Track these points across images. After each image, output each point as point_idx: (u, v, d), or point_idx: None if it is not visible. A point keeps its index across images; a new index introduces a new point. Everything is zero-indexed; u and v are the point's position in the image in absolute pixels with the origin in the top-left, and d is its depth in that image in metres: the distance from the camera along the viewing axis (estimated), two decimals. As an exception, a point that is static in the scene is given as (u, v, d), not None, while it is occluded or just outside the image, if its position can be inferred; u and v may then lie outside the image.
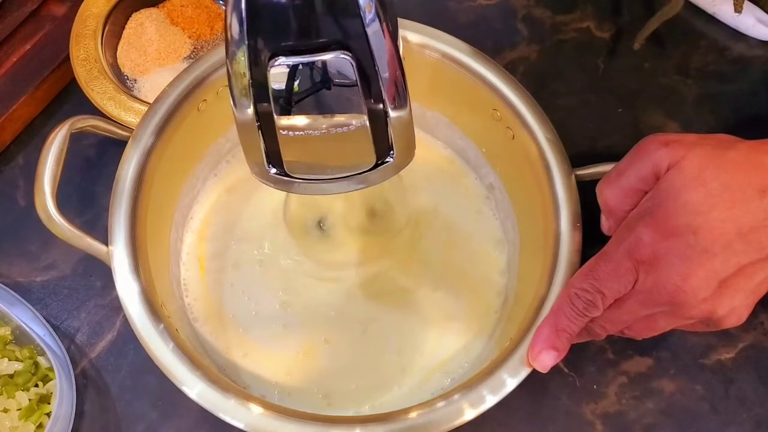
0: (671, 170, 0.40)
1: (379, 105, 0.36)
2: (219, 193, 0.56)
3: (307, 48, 0.34)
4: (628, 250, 0.40)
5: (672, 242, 0.38)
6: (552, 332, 0.43)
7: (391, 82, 0.35)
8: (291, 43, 0.33)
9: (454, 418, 0.42)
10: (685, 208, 0.38)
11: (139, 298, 0.44)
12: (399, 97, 0.36)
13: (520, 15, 0.65)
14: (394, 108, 0.36)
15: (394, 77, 0.35)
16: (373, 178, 0.40)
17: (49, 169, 0.45)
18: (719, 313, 0.40)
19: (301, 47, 0.33)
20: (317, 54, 0.34)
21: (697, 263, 0.38)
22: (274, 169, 0.39)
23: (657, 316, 0.41)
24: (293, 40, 0.33)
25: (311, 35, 0.33)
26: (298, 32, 0.33)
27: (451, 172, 0.57)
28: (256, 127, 0.36)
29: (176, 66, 0.60)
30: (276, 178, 0.39)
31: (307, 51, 0.33)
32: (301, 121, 0.36)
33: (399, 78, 0.35)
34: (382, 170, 0.39)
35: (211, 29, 0.62)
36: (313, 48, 0.34)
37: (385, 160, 0.39)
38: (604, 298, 0.41)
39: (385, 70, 0.34)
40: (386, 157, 0.39)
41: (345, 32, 0.33)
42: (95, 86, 0.57)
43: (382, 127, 0.37)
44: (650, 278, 0.39)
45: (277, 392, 0.50)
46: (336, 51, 0.33)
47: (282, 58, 0.33)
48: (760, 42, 0.64)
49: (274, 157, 0.38)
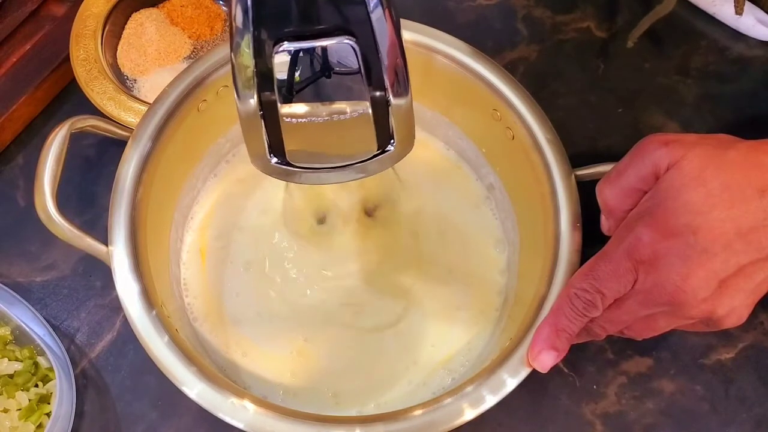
0: (671, 170, 0.40)
1: (381, 92, 0.36)
2: (219, 193, 0.56)
3: (312, 33, 0.34)
4: (628, 250, 0.40)
5: (672, 242, 0.38)
6: (552, 332, 0.43)
7: (392, 68, 0.35)
8: (295, 29, 0.34)
9: (454, 418, 0.42)
10: (684, 208, 0.38)
11: (138, 298, 0.44)
12: (400, 84, 0.36)
13: (520, 15, 0.65)
14: (395, 95, 0.36)
15: (395, 64, 0.35)
16: (373, 168, 0.40)
17: (49, 169, 0.45)
18: (719, 313, 0.40)
19: (305, 33, 0.34)
20: (321, 39, 0.34)
21: (697, 263, 0.38)
22: (275, 158, 0.39)
23: (657, 316, 0.41)
24: (297, 26, 0.34)
25: (315, 21, 0.34)
26: (302, 18, 0.34)
27: (451, 172, 0.57)
28: (259, 116, 0.37)
29: (176, 66, 0.60)
30: (278, 168, 0.39)
31: (311, 36, 0.34)
32: (303, 108, 0.36)
33: (401, 65, 0.35)
34: (382, 159, 0.39)
35: (211, 29, 0.62)
36: (317, 33, 0.34)
37: (386, 149, 0.39)
38: (603, 298, 0.41)
39: (387, 57, 0.35)
40: (387, 146, 0.39)
41: (349, 18, 0.34)
42: (95, 86, 0.57)
43: (383, 115, 0.37)
44: (650, 278, 0.39)
45: (282, 392, 0.50)
46: (340, 36, 0.34)
47: (286, 44, 0.34)
48: (760, 42, 0.64)
49: (276, 146, 0.38)
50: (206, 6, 0.62)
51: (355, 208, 0.56)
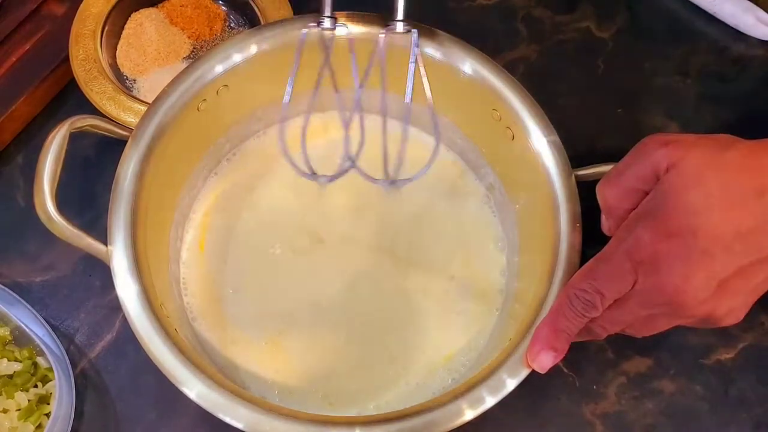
0: (671, 171, 0.40)
1: None
2: (218, 193, 0.56)
3: None
4: (628, 251, 0.40)
5: (672, 243, 0.38)
6: (551, 332, 0.43)
7: None
8: None
9: (453, 418, 0.42)
10: (684, 209, 0.38)
11: (138, 299, 0.44)
12: None
13: (520, 15, 0.65)
14: None
15: None
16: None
17: (49, 169, 0.45)
18: (718, 313, 0.40)
19: None
20: None
21: (697, 264, 0.38)
22: None
23: (657, 316, 0.41)
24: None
25: None
26: None
27: (451, 171, 0.57)
28: None
29: (175, 66, 0.60)
30: None
31: None
32: None
33: None
34: None
35: (211, 29, 0.62)
36: None
37: None
38: (603, 298, 0.41)
39: None
40: None
41: None
42: (94, 86, 0.57)
43: None
44: (650, 279, 0.39)
45: (277, 392, 0.50)
46: None
47: None
48: (760, 42, 0.64)
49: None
50: (206, 6, 0.62)
51: (355, 208, 0.56)
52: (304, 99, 0.51)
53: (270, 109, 0.56)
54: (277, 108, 0.57)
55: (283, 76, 0.49)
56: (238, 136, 0.57)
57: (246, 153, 0.57)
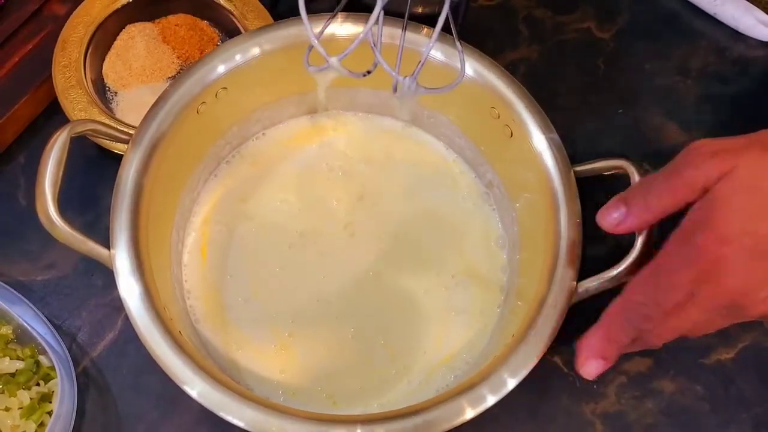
0: (723, 180, 0.39)
1: None
2: (219, 194, 0.56)
3: None
4: (689, 261, 0.40)
5: (730, 248, 0.38)
6: (602, 341, 0.43)
7: None
8: None
9: (454, 417, 0.43)
10: (742, 214, 0.39)
11: (141, 302, 0.44)
12: None
13: (520, 15, 0.65)
14: None
15: None
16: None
17: (50, 173, 0.45)
18: None
19: None
20: None
21: (757, 266, 0.38)
22: None
23: (715, 318, 0.41)
24: None
25: None
26: None
27: (450, 169, 0.58)
28: None
29: (159, 85, 0.58)
30: None
31: None
32: None
33: None
34: None
35: (201, 53, 0.60)
36: None
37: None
38: (661, 311, 0.41)
39: None
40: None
41: None
42: (70, 95, 0.56)
43: None
44: (711, 285, 0.39)
45: (282, 392, 0.50)
46: None
47: None
48: (760, 42, 0.64)
49: None
50: (201, 28, 0.61)
51: (355, 208, 0.56)
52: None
53: (269, 110, 0.56)
54: (277, 109, 0.57)
55: (281, 79, 0.49)
56: (238, 138, 0.57)
57: (245, 155, 0.57)
